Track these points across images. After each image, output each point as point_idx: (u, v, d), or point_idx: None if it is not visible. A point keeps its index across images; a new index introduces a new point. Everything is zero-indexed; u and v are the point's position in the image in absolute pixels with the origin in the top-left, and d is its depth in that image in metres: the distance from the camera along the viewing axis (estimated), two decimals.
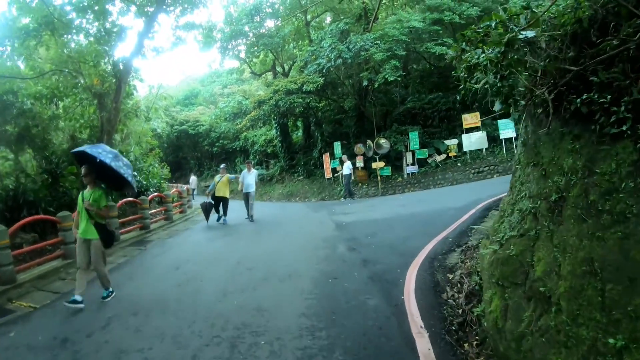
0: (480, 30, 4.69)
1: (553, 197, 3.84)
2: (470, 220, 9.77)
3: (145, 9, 16.36)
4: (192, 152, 43.75)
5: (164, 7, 16.84)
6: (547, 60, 3.96)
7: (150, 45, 17.68)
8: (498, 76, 3.76)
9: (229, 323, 5.18)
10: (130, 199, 14.29)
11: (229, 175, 14.54)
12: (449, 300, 5.86)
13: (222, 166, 14.99)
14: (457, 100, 22.59)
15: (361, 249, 8.29)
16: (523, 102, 3.99)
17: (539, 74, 4.12)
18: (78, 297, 6.11)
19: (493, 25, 3.82)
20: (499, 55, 3.60)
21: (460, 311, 5.46)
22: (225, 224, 13.82)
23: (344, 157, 20.29)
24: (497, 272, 4.30)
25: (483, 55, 3.85)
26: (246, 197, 14.26)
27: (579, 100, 3.66)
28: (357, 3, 25.84)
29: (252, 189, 14.20)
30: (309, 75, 22.00)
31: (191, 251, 10.30)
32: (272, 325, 5.00)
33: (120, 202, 13.22)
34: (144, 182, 18.28)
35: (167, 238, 12.70)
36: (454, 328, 4.97)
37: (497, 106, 4.28)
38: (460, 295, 5.92)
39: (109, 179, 6.72)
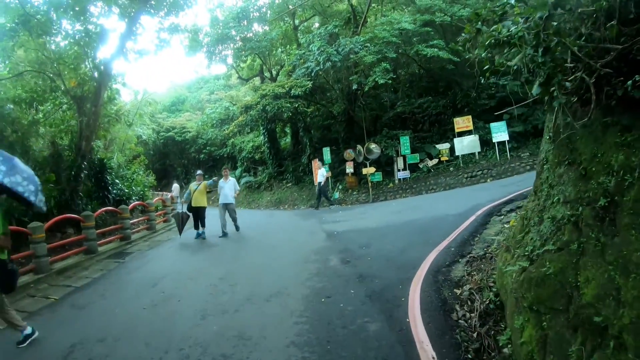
0: (496, 9, 4.03)
1: (601, 202, 3.06)
2: (472, 227, 9.04)
3: (127, 10, 15.51)
4: (179, 159, 42.65)
5: (148, 8, 16.01)
6: (582, 39, 3.19)
7: (133, 47, 16.82)
8: (540, 49, 2.97)
9: (206, 354, 4.38)
10: (110, 208, 13.46)
11: (206, 182, 12.95)
12: (460, 321, 5.08)
13: (198, 172, 13.37)
14: (448, 104, 22.08)
15: (356, 262, 7.47)
16: (569, 84, 3.18)
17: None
18: (27, 330, 5.18)
19: None
20: (539, 22, 2.84)
21: (475, 334, 4.69)
22: (204, 237, 12.23)
23: (319, 163, 19.69)
24: (530, 294, 3.50)
25: (515, 27, 3.10)
26: (223, 209, 12.52)
27: (629, 82, 2.90)
28: (345, 6, 25.21)
29: (231, 199, 12.59)
30: (297, 79, 21.24)
31: (171, 265, 9.45)
32: (256, 358, 4.17)
33: (98, 211, 12.41)
34: (126, 190, 17.33)
35: (147, 250, 11.83)
36: (470, 356, 4.18)
37: (535, 89, 3.47)
38: (473, 315, 5.15)
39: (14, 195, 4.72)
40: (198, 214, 12.37)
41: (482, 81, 20.13)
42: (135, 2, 15.47)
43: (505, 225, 8.94)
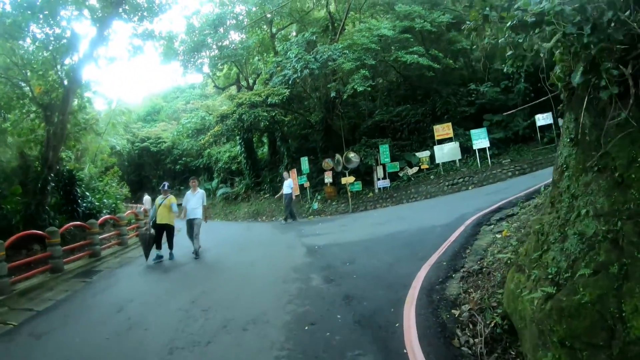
0: None
1: None
2: (462, 238, 8.49)
3: (99, 14, 14.71)
4: (155, 170, 41.31)
5: (121, 13, 15.25)
6: (613, 25, 2.63)
7: (104, 53, 16.02)
8: (586, 27, 2.38)
9: None
10: (78, 222, 12.53)
11: (173, 198, 11.14)
12: (463, 348, 4.47)
13: (164, 185, 11.55)
14: (427, 112, 21.75)
15: (341, 281, 6.80)
16: (624, 70, 2.59)
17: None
18: None
19: None
20: None
21: None
22: (173, 260, 10.69)
23: (285, 173, 18.47)
24: (560, 327, 2.89)
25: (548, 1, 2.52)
26: (190, 225, 10.97)
27: None
28: (323, 14, 24.77)
29: (198, 214, 10.96)
30: (274, 87, 20.60)
31: (141, 286, 8.65)
32: None
33: (65, 226, 11.52)
34: (97, 203, 16.36)
35: (117, 267, 10.98)
36: None
37: (577, 77, 2.87)
38: (477, 340, 4.54)
39: None
40: (163, 233, 10.86)
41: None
42: (107, 6, 14.69)
43: (497, 235, 8.45)
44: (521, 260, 4.42)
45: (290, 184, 17.35)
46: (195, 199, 11.00)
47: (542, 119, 18.75)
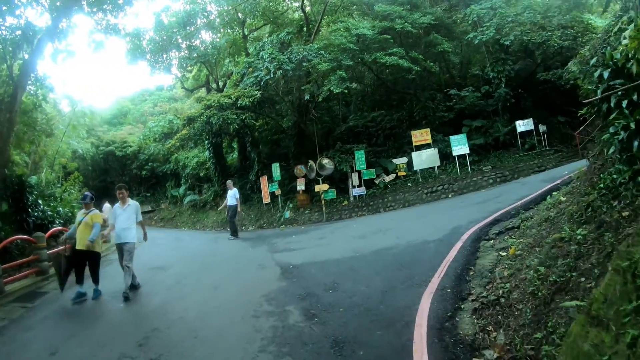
0: None
1: None
2: (461, 257, 7.10)
3: (57, 4, 12.96)
4: (120, 176, 38.48)
5: (83, 4, 13.53)
6: None
7: (62, 47, 14.25)
8: None
9: None
10: (22, 235, 10.61)
11: (98, 213, 7.96)
12: None
13: (85, 197, 7.98)
14: (403, 117, 20.56)
15: (325, 316, 5.25)
16: None
17: None
18: None
19: None
20: None
21: None
22: (98, 298, 7.60)
23: (229, 182, 16.02)
24: None
25: None
26: (120, 250, 7.74)
27: None
28: (298, 16, 23.32)
29: (130, 237, 7.74)
30: (245, 89, 18.96)
31: (86, 316, 6.79)
32: None
33: (6, 240, 9.77)
34: (50, 212, 14.30)
35: (68, 288, 9.04)
36: None
37: None
38: None
39: None
40: (83, 262, 7.73)
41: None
42: None
43: (501, 253, 7.13)
44: (599, 310, 2.99)
45: (235, 194, 15.10)
46: (125, 216, 7.80)
47: (523, 125, 17.84)
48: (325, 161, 19.37)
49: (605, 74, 5.06)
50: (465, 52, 22.53)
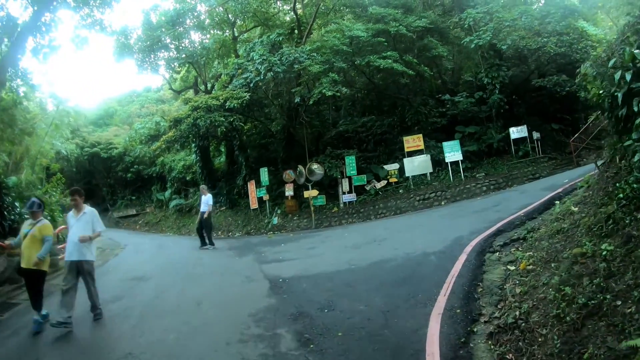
0: None
1: None
2: (466, 272, 6.48)
3: None
4: (105, 178, 37.30)
5: None
6: None
7: (44, 41, 13.46)
8: None
9: None
10: None
11: (47, 224, 6.46)
12: None
13: (32, 204, 6.39)
14: (394, 123, 20.02)
15: (322, 342, 4.53)
16: None
17: None
18: None
19: None
20: None
21: None
22: (40, 327, 6.11)
23: (203, 187, 14.27)
24: None
25: None
26: (72, 270, 6.14)
27: None
28: (290, 18, 22.66)
29: (89, 255, 6.32)
30: (234, 91, 18.20)
31: (53, 336, 5.89)
32: None
33: None
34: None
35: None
36: None
37: None
38: None
39: None
40: (32, 283, 6.33)
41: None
42: None
43: (509, 267, 6.54)
44: None
45: (208, 201, 13.33)
46: (80, 226, 6.26)
47: (517, 131, 17.40)
48: (315, 166, 18.69)
49: (628, 76, 4.53)
50: (457, 59, 22.13)
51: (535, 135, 17.44)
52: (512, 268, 6.50)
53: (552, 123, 18.51)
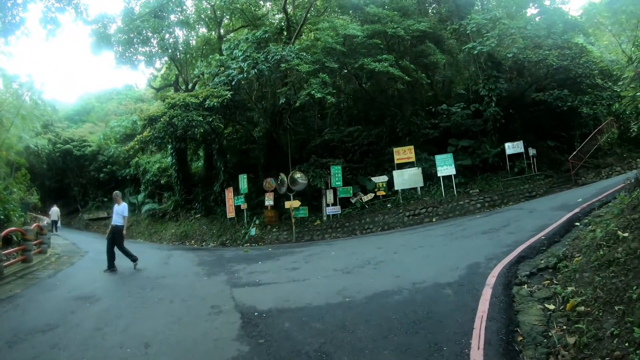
0: None
1: None
2: (496, 311, 4.92)
3: None
4: (77, 177, 34.59)
5: None
6: None
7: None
8: None
9: None
10: None
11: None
12: None
13: None
14: (382, 133, 18.58)
15: None
16: None
17: None
18: None
19: None
20: None
21: None
22: None
23: (116, 194, 10.71)
24: None
25: None
26: None
27: None
28: (280, 16, 21.05)
29: None
30: (215, 88, 16.46)
31: None
32: None
33: None
34: None
35: None
36: None
37: None
38: None
39: None
40: None
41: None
42: None
43: (547, 305, 5.07)
44: None
45: (122, 211, 10.23)
46: None
47: (512, 147, 16.15)
48: (298, 175, 17.07)
49: None
50: (449, 71, 20.92)
51: (531, 151, 16.21)
52: (551, 307, 5.03)
53: (548, 140, 17.32)
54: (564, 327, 4.56)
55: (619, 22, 17.27)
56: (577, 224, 8.24)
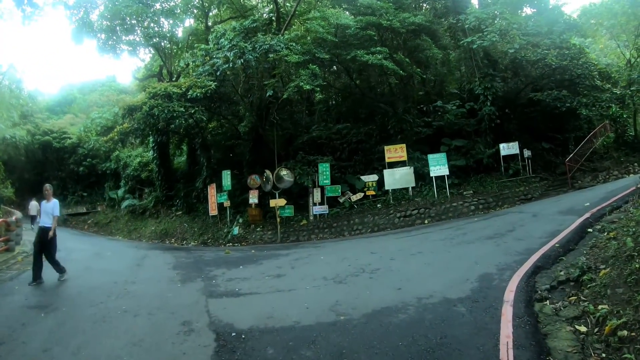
0: None
1: None
2: (522, 336, 4.07)
3: None
4: (57, 170, 32.79)
5: None
6: None
7: None
8: None
9: None
10: None
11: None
12: None
13: None
14: (372, 131, 17.74)
15: None
16: None
17: None
18: None
19: None
20: None
21: None
22: None
23: (47, 187, 8.64)
24: None
25: None
26: None
27: None
28: (271, 7, 19.97)
29: None
30: (198, 78, 15.38)
31: None
32: None
33: None
34: None
35: None
36: None
37: None
38: None
39: None
40: None
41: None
42: None
43: (578, 327, 4.25)
44: None
45: (53, 210, 8.25)
46: None
47: (507, 148, 15.46)
48: (284, 172, 16.09)
49: None
50: (441, 70, 20.17)
51: (527, 153, 15.56)
52: (584, 329, 4.19)
53: (543, 142, 16.69)
54: (603, 354, 3.74)
55: (619, 24, 16.75)
56: (590, 230, 7.49)
